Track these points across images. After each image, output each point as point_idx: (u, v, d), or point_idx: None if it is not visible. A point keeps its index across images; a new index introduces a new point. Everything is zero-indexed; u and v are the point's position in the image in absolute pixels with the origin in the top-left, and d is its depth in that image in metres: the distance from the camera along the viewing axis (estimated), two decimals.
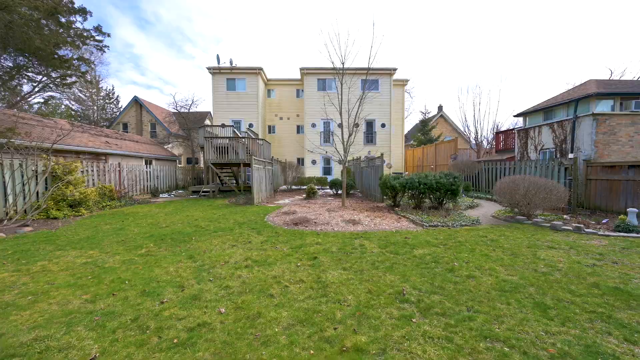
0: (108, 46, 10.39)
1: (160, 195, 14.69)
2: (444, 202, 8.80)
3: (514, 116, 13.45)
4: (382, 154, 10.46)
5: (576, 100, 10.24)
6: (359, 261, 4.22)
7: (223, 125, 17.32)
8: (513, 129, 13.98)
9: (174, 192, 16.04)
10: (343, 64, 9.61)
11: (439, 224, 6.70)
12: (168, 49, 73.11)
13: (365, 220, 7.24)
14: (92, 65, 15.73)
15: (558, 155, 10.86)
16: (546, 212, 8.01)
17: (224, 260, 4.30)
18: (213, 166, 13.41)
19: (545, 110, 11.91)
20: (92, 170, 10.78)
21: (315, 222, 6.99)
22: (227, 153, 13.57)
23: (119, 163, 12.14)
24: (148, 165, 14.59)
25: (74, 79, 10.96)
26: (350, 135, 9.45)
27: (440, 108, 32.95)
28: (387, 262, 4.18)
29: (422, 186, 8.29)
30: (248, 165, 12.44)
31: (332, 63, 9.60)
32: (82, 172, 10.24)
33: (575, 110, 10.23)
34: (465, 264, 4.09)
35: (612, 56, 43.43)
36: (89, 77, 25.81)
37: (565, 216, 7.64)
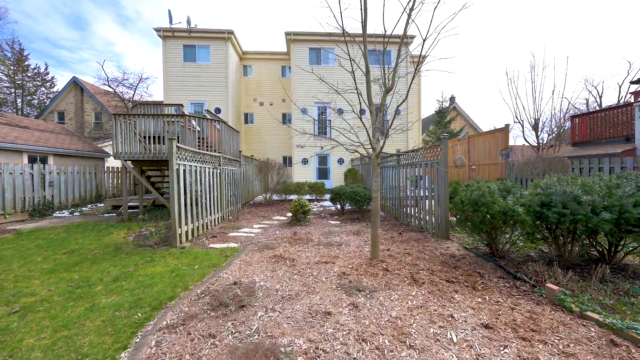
0: None
1: (55, 214, 8.98)
2: (621, 250, 3.58)
3: (631, 82, 8.53)
4: (441, 139, 5.16)
5: None
6: None
7: (178, 108, 11.87)
8: (628, 105, 8.58)
9: (87, 207, 10.31)
10: None
11: None
12: (153, 48, 67.25)
13: None
14: None
15: None
16: None
17: None
18: (132, 165, 7.81)
19: None
20: None
21: None
22: (163, 144, 8.03)
23: None
24: (37, 166, 8.87)
25: None
26: (387, 92, 4.13)
27: (452, 99, 28.24)
28: None
29: (600, 216, 3.02)
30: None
31: None
32: None
33: None
34: None
35: (628, 48, 39.83)
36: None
37: None
